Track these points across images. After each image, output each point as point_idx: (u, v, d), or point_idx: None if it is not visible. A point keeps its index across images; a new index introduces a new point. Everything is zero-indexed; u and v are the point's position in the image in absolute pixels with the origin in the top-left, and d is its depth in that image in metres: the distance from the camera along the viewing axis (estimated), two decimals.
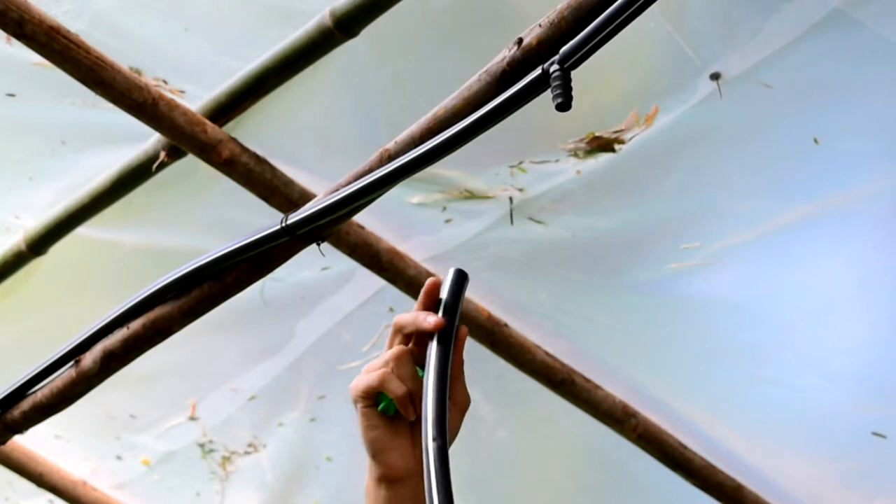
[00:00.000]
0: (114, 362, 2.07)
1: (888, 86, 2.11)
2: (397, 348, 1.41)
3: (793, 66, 2.07)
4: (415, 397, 1.39)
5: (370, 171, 1.71)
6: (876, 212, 2.33)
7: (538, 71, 1.51)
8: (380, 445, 1.40)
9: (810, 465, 2.82)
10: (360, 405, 1.40)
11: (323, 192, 1.82)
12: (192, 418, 3.05)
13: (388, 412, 1.40)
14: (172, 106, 2.21)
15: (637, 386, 2.76)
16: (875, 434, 2.66)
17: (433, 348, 1.38)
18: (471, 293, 2.62)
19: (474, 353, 2.67)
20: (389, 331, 1.43)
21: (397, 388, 1.39)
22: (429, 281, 1.44)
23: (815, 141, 2.19)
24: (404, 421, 1.41)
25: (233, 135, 2.31)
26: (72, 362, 2.11)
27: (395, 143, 1.71)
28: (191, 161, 2.35)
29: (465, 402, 1.43)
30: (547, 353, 2.70)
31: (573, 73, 1.49)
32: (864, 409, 2.66)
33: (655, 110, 2.18)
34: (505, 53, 1.58)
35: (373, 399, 1.40)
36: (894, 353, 2.56)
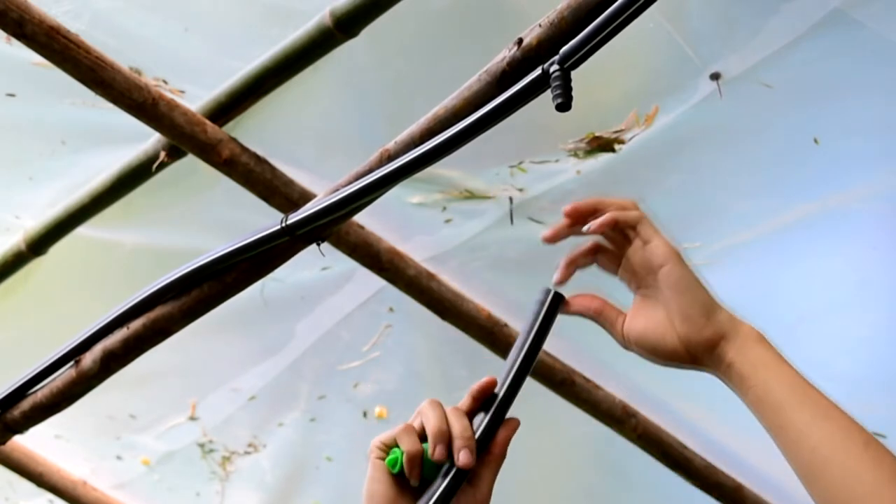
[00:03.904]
0: (114, 362, 2.07)
1: (888, 86, 2.11)
2: (437, 412, 1.32)
3: (793, 66, 2.07)
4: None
5: (370, 171, 1.71)
6: (876, 212, 2.33)
7: (538, 71, 1.51)
8: (378, 500, 1.32)
9: None
10: (373, 455, 1.33)
11: (323, 192, 1.82)
12: (192, 418, 3.05)
13: (394, 470, 1.32)
14: (172, 106, 2.21)
15: (637, 386, 2.76)
16: (875, 434, 2.66)
17: (442, 481, 1.30)
18: (471, 293, 2.62)
19: (475, 353, 2.67)
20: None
21: (411, 444, 1.31)
22: (487, 381, 1.36)
23: (815, 141, 2.19)
24: (409, 484, 1.32)
25: (233, 135, 2.30)
26: (72, 362, 2.11)
27: (395, 143, 1.71)
28: (191, 161, 2.34)
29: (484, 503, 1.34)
30: (547, 353, 2.69)
31: (573, 73, 1.49)
32: (864, 409, 2.65)
33: (655, 110, 2.18)
34: (505, 53, 1.58)
35: (386, 451, 1.33)
36: (894, 353, 2.56)
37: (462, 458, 1.29)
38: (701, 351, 1.34)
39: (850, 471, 1.23)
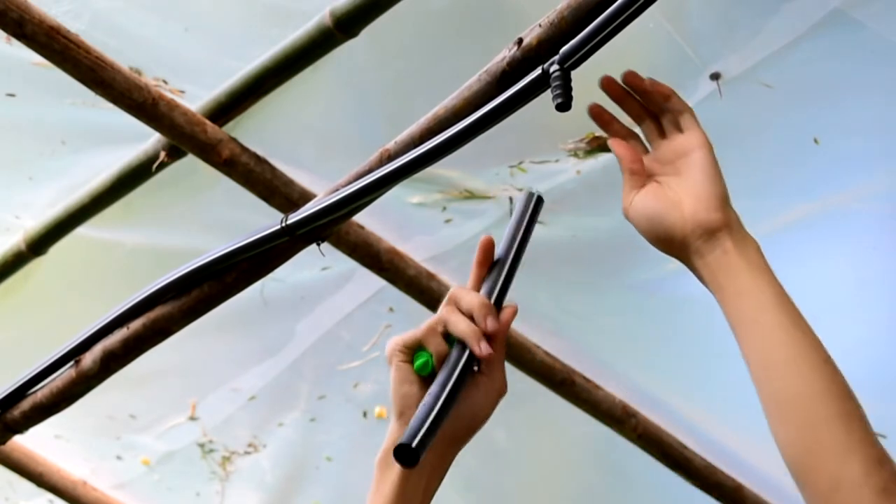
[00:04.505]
0: (114, 362, 2.07)
1: (888, 86, 2.11)
2: (450, 308, 1.40)
3: (793, 66, 2.07)
4: None
5: (370, 171, 1.71)
6: (876, 212, 2.33)
7: (538, 71, 1.51)
8: (410, 402, 1.37)
9: None
10: (395, 360, 1.38)
11: (323, 192, 1.82)
12: (192, 418, 3.05)
13: (423, 373, 1.37)
14: (172, 106, 2.21)
15: (637, 386, 2.76)
16: (876, 434, 2.66)
17: (453, 353, 1.35)
18: None
19: None
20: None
21: (440, 345, 1.37)
22: (484, 240, 1.46)
23: (816, 141, 2.19)
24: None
25: (233, 135, 2.31)
26: (72, 362, 2.11)
27: (395, 143, 1.71)
28: (191, 161, 2.35)
29: (502, 388, 1.42)
30: (547, 353, 2.70)
31: (573, 73, 1.49)
32: (865, 408, 2.65)
33: None
34: (505, 53, 1.58)
35: (409, 354, 1.38)
36: (894, 353, 2.56)
37: (484, 348, 1.37)
38: (700, 232, 1.40)
39: (805, 375, 1.33)
